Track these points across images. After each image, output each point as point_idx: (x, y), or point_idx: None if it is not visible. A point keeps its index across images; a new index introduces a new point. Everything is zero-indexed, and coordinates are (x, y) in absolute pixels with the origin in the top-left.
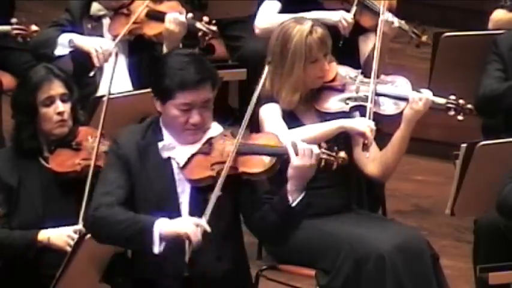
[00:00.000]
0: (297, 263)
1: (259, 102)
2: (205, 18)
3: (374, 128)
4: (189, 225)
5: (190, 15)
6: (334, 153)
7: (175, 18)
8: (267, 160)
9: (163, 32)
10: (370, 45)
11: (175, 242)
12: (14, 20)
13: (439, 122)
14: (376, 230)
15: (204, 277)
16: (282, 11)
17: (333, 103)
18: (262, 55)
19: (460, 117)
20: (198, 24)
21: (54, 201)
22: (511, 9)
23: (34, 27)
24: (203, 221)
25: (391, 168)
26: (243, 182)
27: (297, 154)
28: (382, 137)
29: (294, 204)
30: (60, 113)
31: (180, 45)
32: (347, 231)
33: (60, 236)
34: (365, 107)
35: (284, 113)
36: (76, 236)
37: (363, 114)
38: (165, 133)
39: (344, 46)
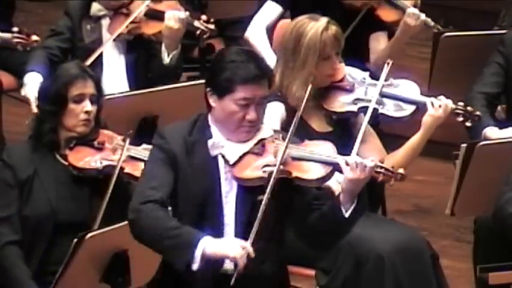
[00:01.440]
0: (297, 263)
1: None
2: (204, 17)
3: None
4: (236, 249)
5: (187, 13)
6: (391, 170)
7: (174, 14)
8: (321, 168)
9: (162, 30)
10: (382, 44)
11: (215, 264)
12: (15, 29)
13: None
14: (376, 230)
15: (247, 279)
16: (290, 12)
17: (341, 103)
18: None
19: (468, 124)
20: (196, 23)
21: (68, 197)
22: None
23: (34, 37)
24: (249, 245)
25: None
26: (292, 187)
27: (347, 165)
28: (383, 139)
29: (347, 215)
30: (87, 112)
31: (179, 46)
32: None
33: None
34: (374, 108)
35: (288, 112)
36: None
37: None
38: (215, 130)
39: (349, 43)
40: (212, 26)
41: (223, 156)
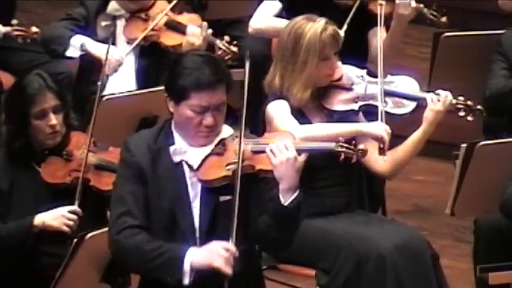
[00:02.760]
0: (297, 263)
1: (266, 100)
2: (227, 38)
3: (390, 131)
4: (221, 257)
5: (210, 31)
6: (352, 147)
7: (197, 31)
8: None
9: (183, 45)
10: (382, 38)
11: (206, 272)
12: (14, 22)
13: (439, 122)
14: (376, 230)
15: (216, 280)
16: (286, 11)
17: (342, 102)
18: (262, 55)
19: (470, 118)
20: (219, 43)
21: (47, 205)
22: None
23: (34, 29)
24: (232, 246)
25: (401, 167)
26: (259, 181)
27: (272, 153)
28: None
29: (286, 204)
30: (52, 126)
31: None
32: (347, 231)
33: (55, 217)
34: (374, 106)
35: (292, 110)
36: (71, 216)
37: (371, 113)
38: (177, 136)
39: (348, 43)
40: (235, 49)
41: (186, 162)
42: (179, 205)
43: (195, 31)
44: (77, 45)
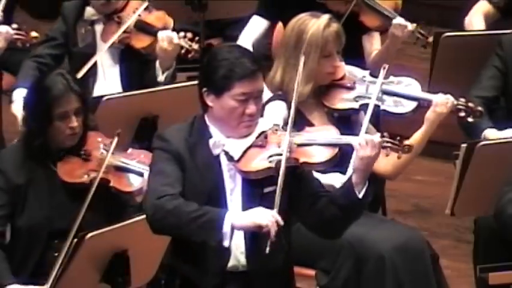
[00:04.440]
0: (297, 263)
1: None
2: (189, 35)
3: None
4: (267, 216)
5: (181, 34)
6: (397, 142)
7: (167, 36)
8: (327, 150)
9: (157, 51)
10: (375, 44)
11: (250, 233)
12: (14, 25)
13: (439, 122)
14: (376, 230)
15: (259, 274)
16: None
17: (343, 100)
18: (262, 55)
19: (470, 119)
20: (182, 41)
21: (62, 204)
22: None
23: (34, 34)
24: (276, 213)
25: (403, 168)
26: (299, 175)
27: (361, 146)
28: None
29: (360, 196)
30: (72, 128)
31: (174, 64)
32: (347, 231)
33: None
34: (376, 105)
35: (290, 110)
36: None
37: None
38: (214, 130)
39: (348, 46)
40: (196, 46)
41: (226, 153)
42: (215, 197)
43: (164, 36)
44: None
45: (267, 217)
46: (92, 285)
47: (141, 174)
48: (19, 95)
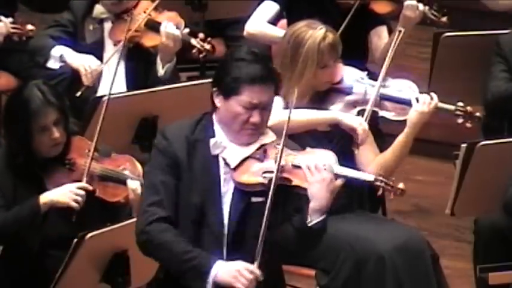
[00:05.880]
0: (297, 263)
1: None
2: (201, 35)
3: (366, 128)
4: (244, 280)
5: (186, 30)
6: (391, 183)
7: (170, 33)
8: None
9: (159, 46)
10: (383, 37)
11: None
12: (9, 19)
13: (439, 122)
14: (376, 230)
15: None
16: (286, 12)
17: (341, 106)
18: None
19: (468, 125)
20: (193, 41)
21: (54, 214)
22: None
23: (30, 27)
24: (256, 268)
25: (390, 170)
26: (288, 192)
27: (309, 170)
28: (383, 139)
29: (310, 224)
30: (54, 139)
31: (174, 59)
32: (347, 232)
33: (62, 193)
34: (374, 111)
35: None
36: (79, 192)
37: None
38: (218, 130)
39: (347, 44)
40: (208, 46)
41: (224, 159)
42: (210, 199)
43: (167, 33)
44: (57, 56)
45: (244, 280)
46: (92, 285)
47: (124, 183)
48: (60, 50)
